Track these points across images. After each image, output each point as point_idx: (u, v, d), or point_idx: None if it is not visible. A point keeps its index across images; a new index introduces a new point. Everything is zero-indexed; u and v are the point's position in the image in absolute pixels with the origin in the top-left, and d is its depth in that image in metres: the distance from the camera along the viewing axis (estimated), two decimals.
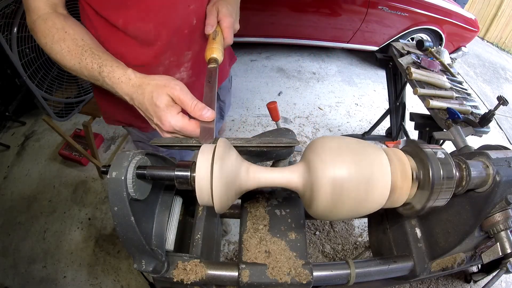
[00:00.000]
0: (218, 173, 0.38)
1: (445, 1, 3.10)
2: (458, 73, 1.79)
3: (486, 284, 0.53)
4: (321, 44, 3.27)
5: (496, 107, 1.36)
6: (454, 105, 1.48)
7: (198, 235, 0.57)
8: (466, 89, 1.68)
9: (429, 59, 1.75)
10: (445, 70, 1.76)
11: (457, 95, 1.58)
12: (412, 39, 3.19)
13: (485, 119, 1.39)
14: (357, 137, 1.66)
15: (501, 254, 0.48)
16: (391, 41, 2.98)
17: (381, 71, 3.20)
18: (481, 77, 4.07)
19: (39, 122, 2.38)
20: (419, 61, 1.71)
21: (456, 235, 0.52)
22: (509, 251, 0.47)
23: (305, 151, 0.46)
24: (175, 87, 0.52)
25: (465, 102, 1.56)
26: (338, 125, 2.72)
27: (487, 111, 1.38)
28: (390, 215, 0.67)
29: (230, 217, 0.81)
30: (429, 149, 0.43)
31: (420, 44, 1.85)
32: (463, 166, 0.45)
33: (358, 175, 0.39)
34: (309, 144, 0.45)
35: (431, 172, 0.40)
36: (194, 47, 0.79)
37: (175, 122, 0.51)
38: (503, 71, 4.41)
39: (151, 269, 0.46)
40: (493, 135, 2.89)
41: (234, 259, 1.70)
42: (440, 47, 2.14)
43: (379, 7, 2.91)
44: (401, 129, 2.27)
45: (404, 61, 1.73)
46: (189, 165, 0.42)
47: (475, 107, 1.56)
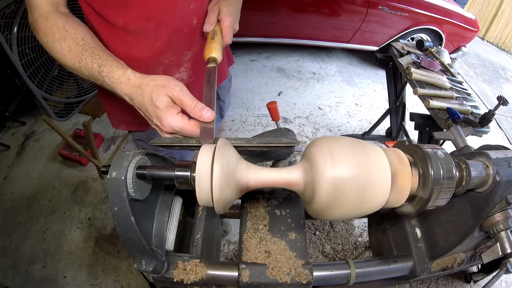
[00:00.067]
0: (218, 173, 0.38)
1: (445, 1, 3.10)
2: (458, 73, 1.79)
3: (486, 284, 0.53)
4: (321, 44, 3.27)
5: (496, 107, 1.37)
6: (454, 105, 1.49)
7: (198, 235, 0.57)
8: (466, 89, 1.68)
9: (429, 59, 1.75)
10: (445, 70, 1.76)
11: (457, 95, 1.58)
12: (412, 39, 3.19)
13: (485, 119, 1.39)
14: (357, 137, 1.67)
15: (501, 254, 0.48)
16: (391, 41, 2.98)
17: (381, 71, 3.20)
18: (481, 77, 4.07)
19: (39, 122, 2.38)
20: (419, 61, 1.71)
21: (456, 235, 0.52)
22: (509, 251, 0.47)
23: (305, 151, 0.46)
24: (175, 87, 0.52)
25: (465, 102, 1.56)
26: (338, 125, 2.72)
27: (487, 111, 1.38)
28: (390, 215, 0.67)
29: (230, 217, 0.80)
30: (429, 149, 0.43)
31: (420, 44, 1.85)
32: (463, 166, 0.45)
33: (358, 175, 0.39)
34: (309, 144, 0.45)
35: (431, 172, 0.40)
36: (194, 47, 0.79)
37: (175, 123, 0.51)
38: (503, 71, 4.41)
39: (151, 269, 0.46)
40: (493, 135, 2.89)
41: (234, 259, 1.70)
42: (440, 47, 2.14)
43: (379, 7, 2.91)
44: (401, 129, 2.27)
45: (404, 61, 1.73)
46: (189, 165, 0.42)
47: (475, 107, 1.56)
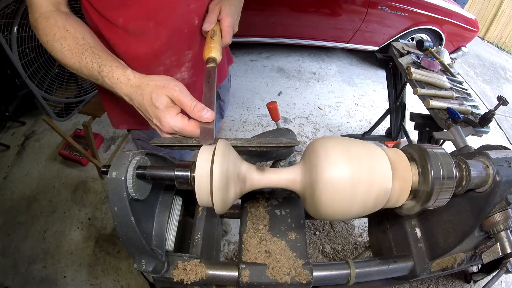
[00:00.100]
0: (218, 174, 0.38)
1: (445, 1, 3.10)
2: (458, 73, 1.79)
3: (486, 284, 0.53)
4: (321, 44, 3.27)
5: (496, 107, 1.36)
6: (454, 105, 1.48)
7: (198, 235, 0.57)
8: (466, 89, 1.68)
9: (429, 59, 1.75)
10: (445, 70, 1.76)
11: (457, 95, 1.58)
12: (412, 39, 3.19)
13: (485, 119, 1.39)
14: (357, 137, 1.66)
15: (501, 254, 0.48)
16: (391, 41, 2.98)
17: (381, 71, 3.19)
18: (481, 77, 4.07)
19: (39, 122, 2.38)
20: (419, 61, 1.71)
21: (456, 235, 0.52)
22: (509, 251, 0.47)
23: (305, 151, 0.46)
24: (175, 88, 0.52)
25: (465, 102, 1.56)
26: (338, 125, 2.72)
27: (487, 111, 1.38)
28: (390, 215, 0.67)
29: (230, 217, 0.80)
30: (429, 149, 0.43)
31: (420, 44, 1.85)
32: (463, 166, 0.45)
33: (358, 175, 0.39)
34: (309, 145, 0.45)
35: (431, 172, 0.40)
36: (195, 47, 0.79)
37: (175, 123, 0.51)
38: (503, 71, 4.41)
39: (151, 269, 0.46)
40: (493, 135, 2.89)
41: (234, 259, 1.70)
42: (440, 47, 2.14)
43: (379, 7, 2.91)
44: (401, 129, 2.27)
45: (404, 61, 1.73)
46: (189, 165, 0.42)
47: (475, 107, 1.56)
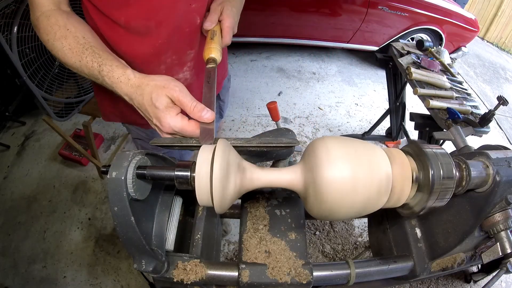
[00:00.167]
0: (218, 174, 0.38)
1: (445, 1, 3.10)
2: (458, 73, 1.79)
3: (486, 284, 0.53)
4: (321, 44, 3.27)
5: (496, 107, 1.37)
6: (454, 105, 1.49)
7: (198, 235, 0.57)
8: (466, 89, 1.68)
9: (429, 59, 1.75)
10: (445, 70, 1.76)
11: (457, 95, 1.58)
12: (412, 39, 3.19)
13: (485, 119, 1.39)
14: (357, 137, 1.66)
15: (501, 254, 0.48)
16: (391, 41, 2.98)
17: (381, 71, 3.20)
18: (481, 77, 4.07)
19: (39, 122, 2.38)
20: (419, 61, 1.71)
21: (456, 235, 0.52)
22: (509, 251, 0.47)
23: (305, 151, 0.46)
24: (175, 88, 0.52)
25: (465, 102, 1.56)
26: (338, 125, 2.72)
27: (487, 111, 1.39)
28: (390, 215, 0.67)
29: (230, 217, 0.80)
30: (429, 149, 0.43)
31: (420, 44, 1.85)
32: (463, 166, 0.45)
33: (358, 175, 0.39)
34: (309, 145, 0.45)
35: (431, 172, 0.40)
36: (196, 46, 0.79)
37: (175, 123, 0.51)
38: (503, 71, 4.41)
39: (151, 269, 0.46)
40: (493, 135, 2.89)
41: (234, 259, 1.70)
42: (440, 47, 2.14)
43: (379, 7, 2.91)
44: (401, 129, 2.27)
45: (404, 61, 1.73)
46: (189, 165, 0.41)
47: (475, 107, 1.56)
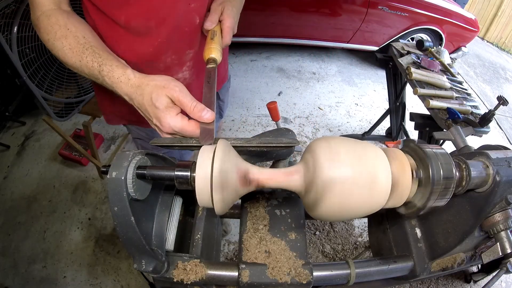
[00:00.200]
0: (218, 174, 0.38)
1: (445, 1, 3.10)
2: (458, 73, 1.79)
3: (486, 284, 0.53)
4: (321, 44, 3.27)
5: (496, 107, 1.36)
6: (454, 105, 1.49)
7: (198, 235, 0.57)
8: (466, 89, 1.68)
9: (429, 59, 1.75)
10: (445, 70, 1.76)
11: (457, 95, 1.58)
12: (412, 39, 3.19)
13: (485, 119, 1.39)
14: (357, 137, 1.67)
15: (501, 254, 0.48)
16: (391, 41, 2.98)
17: (381, 71, 3.20)
18: (481, 77, 4.07)
19: (39, 122, 2.38)
20: (419, 61, 1.71)
21: (456, 235, 0.52)
22: (509, 251, 0.47)
23: (305, 152, 0.46)
24: (175, 88, 0.52)
25: (465, 102, 1.56)
26: (338, 125, 2.72)
27: (487, 111, 1.38)
28: (390, 215, 0.67)
29: (230, 217, 0.80)
30: (429, 149, 0.43)
31: (420, 44, 1.85)
32: (463, 166, 0.45)
33: (358, 176, 0.39)
34: (309, 145, 0.45)
35: (431, 172, 0.40)
36: (196, 46, 0.79)
37: (175, 123, 0.51)
38: (503, 71, 4.41)
39: (151, 269, 0.46)
40: (493, 135, 2.89)
41: (234, 259, 1.70)
42: (440, 47, 2.14)
43: (379, 7, 2.91)
44: (401, 129, 2.27)
45: (404, 61, 1.73)
46: (189, 165, 0.41)
47: (475, 107, 1.56)
